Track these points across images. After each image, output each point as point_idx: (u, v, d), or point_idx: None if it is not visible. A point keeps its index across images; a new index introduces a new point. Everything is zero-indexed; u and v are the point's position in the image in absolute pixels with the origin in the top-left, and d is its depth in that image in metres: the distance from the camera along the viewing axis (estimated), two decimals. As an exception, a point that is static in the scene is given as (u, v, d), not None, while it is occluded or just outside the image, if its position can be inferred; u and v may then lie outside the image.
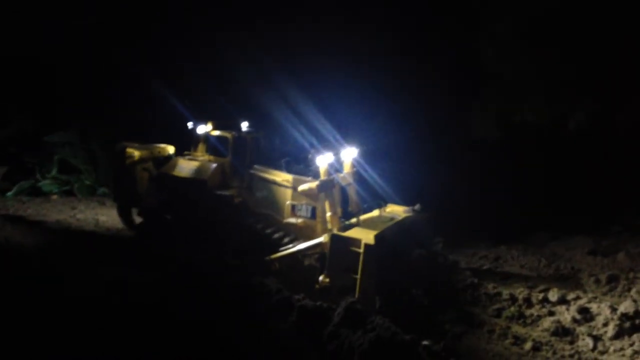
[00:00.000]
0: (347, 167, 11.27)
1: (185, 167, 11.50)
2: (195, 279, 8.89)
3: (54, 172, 19.18)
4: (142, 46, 16.93)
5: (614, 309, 8.90)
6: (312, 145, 10.69)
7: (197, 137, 12.01)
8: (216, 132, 11.79)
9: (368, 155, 11.73)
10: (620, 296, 10.29)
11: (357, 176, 11.41)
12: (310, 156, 10.47)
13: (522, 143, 16.51)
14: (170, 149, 13.19)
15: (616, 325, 8.59)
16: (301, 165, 11.29)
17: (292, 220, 10.45)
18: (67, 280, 8.99)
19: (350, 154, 11.16)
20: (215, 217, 10.90)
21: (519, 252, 13.14)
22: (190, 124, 11.87)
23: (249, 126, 12.17)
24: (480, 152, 16.33)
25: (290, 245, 10.14)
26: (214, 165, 11.48)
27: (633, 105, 15.24)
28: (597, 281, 11.01)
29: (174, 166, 11.72)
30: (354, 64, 15.11)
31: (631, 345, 8.28)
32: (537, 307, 9.58)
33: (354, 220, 10.27)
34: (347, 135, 11.61)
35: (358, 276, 8.63)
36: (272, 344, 6.96)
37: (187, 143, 12.51)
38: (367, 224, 9.86)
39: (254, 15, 16.22)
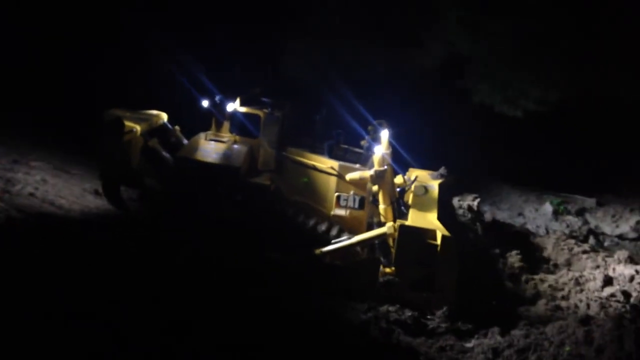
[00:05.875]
0: (384, 147, 10.48)
1: (211, 150, 9.98)
2: None
3: None
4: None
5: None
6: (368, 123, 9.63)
7: (221, 115, 10.40)
8: (243, 109, 10.30)
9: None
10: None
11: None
12: (364, 144, 9.54)
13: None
14: (164, 116, 11.45)
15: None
16: (342, 151, 10.31)
17: (341, 212, 9.55)
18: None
19: (387, 133, 10.36)
20: (250, 208, 9.72)
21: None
22: (217, 98, 10.15)
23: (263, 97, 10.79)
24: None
25: (344, 238, 9.31)
26: (245, 148, 10.12)
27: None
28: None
29: (195, 149, 10.11)
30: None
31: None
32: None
33: None
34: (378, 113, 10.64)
35: (436, 271, 8.11)
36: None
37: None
38: (416, 207, 9.26)
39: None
